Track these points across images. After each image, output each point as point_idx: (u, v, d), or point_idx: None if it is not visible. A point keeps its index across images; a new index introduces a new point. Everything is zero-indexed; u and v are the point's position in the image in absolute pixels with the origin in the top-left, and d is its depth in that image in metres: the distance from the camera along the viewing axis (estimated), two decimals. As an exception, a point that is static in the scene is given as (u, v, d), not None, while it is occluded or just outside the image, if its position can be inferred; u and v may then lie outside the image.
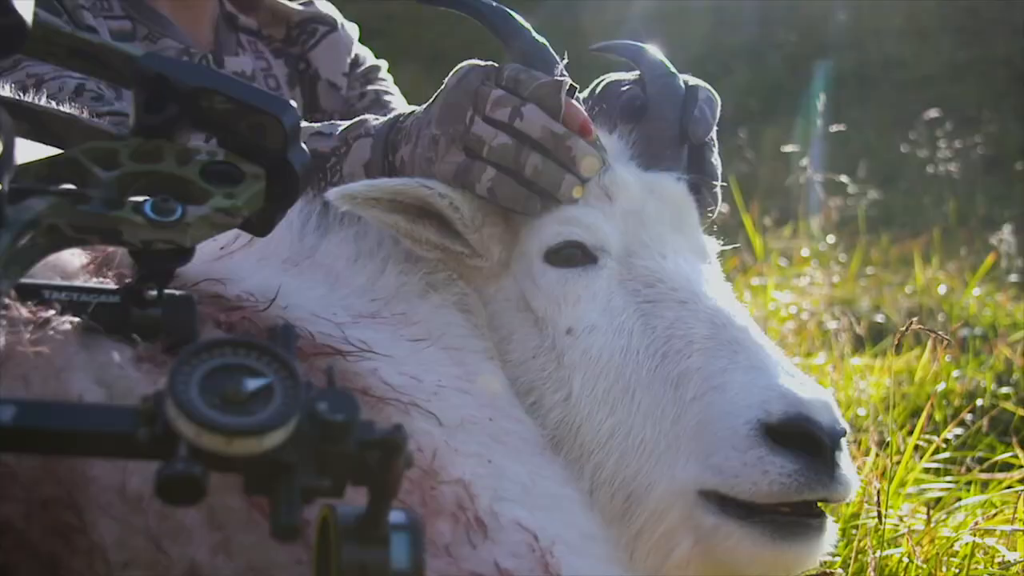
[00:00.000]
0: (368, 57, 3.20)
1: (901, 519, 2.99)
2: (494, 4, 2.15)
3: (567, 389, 1.95)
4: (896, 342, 2.72)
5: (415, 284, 1.99)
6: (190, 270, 1.74)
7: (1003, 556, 2.57)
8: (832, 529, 1.86)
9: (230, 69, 2.93)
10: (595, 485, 1.91)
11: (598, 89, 2.32)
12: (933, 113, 9.59)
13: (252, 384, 1.08)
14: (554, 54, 2.09)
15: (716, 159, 2.25)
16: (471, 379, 1.80)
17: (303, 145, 1.41)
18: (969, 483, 3.43)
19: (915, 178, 9.93)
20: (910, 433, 4.01)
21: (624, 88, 2.27)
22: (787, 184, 7.39)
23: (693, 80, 2.27)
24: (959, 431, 3.98)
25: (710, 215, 2.25)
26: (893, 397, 4.13)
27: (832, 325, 5.96)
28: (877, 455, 3.28)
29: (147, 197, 1.29)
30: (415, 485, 1.51)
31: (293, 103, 1.38)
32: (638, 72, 2.28)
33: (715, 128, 2.23)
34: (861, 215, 8.32)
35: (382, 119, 2.17)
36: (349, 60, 3.14)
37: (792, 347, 5.29)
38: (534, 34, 2.11)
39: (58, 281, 1.43)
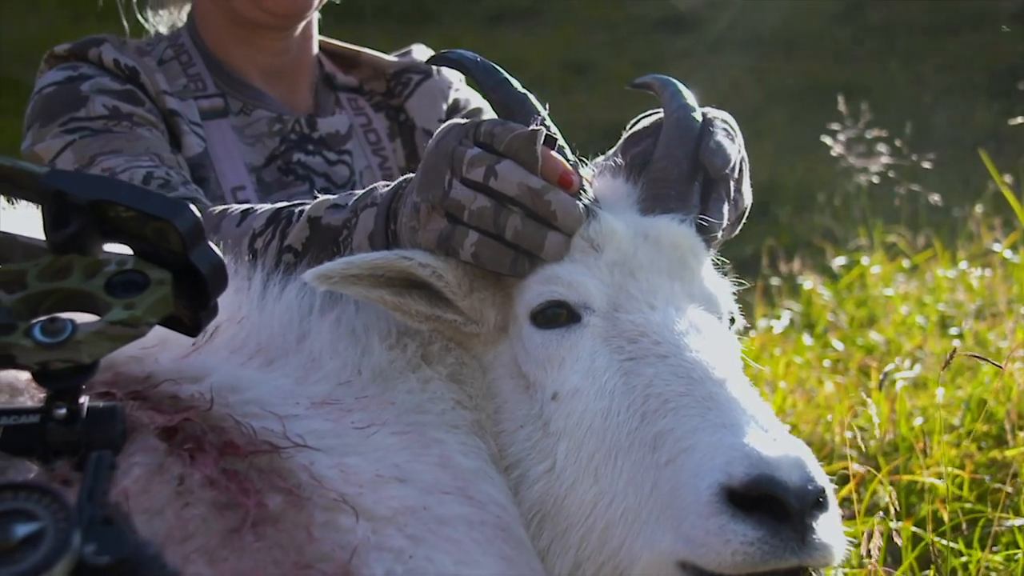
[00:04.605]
0: (472, 100, 3.17)
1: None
2: (479, 59, 2.09)
3: (552, 459, 1.87)
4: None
5: (407, 359, 1.95)
6: (159, 369, 1.80)
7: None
8: None
9: (323, 130, 2.99)
10: (580, 559, 1.82)
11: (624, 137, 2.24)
12: None
13: (22, 530, 1.10)
14: (536, 104, 2.00)
15: (727, 197, 2.10)
16: (424, 462, 1.76)
17: (211, 245, 1.42)
18: None
19: None
20: None
21: (641, 134, 2.18)
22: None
23: (713, 112, 2.14)
24: None
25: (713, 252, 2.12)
26: None
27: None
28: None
29: (42, 318, 1.34)
30: (317, 591, 1.50)
31: (192, 207, 1.39)
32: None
33: (739, 161, 2.09)
34: None
35: (391, 185, 2.14)
36: (447, 106, 3.12)
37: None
38: (517, 85, 2.03)
39: None
